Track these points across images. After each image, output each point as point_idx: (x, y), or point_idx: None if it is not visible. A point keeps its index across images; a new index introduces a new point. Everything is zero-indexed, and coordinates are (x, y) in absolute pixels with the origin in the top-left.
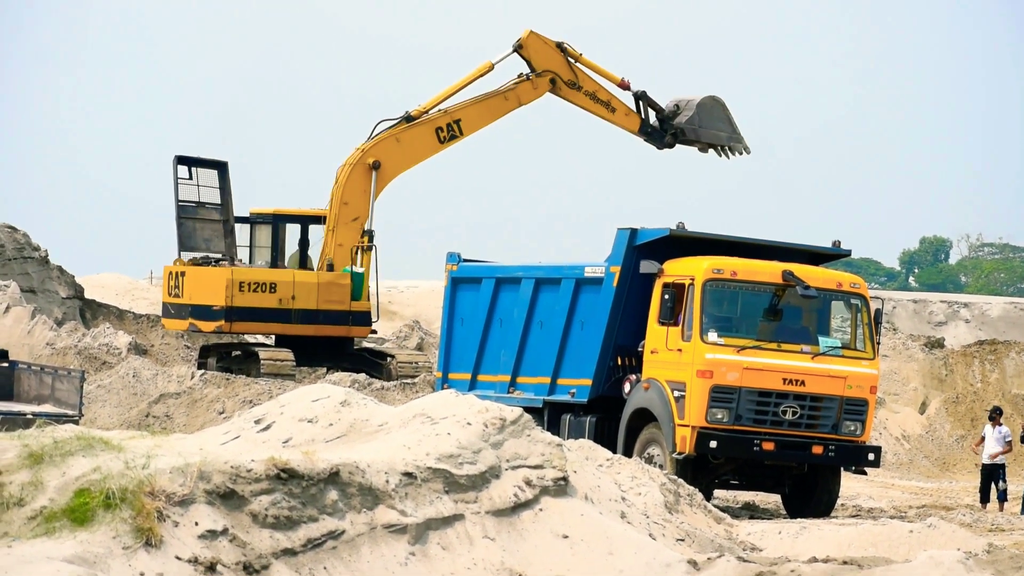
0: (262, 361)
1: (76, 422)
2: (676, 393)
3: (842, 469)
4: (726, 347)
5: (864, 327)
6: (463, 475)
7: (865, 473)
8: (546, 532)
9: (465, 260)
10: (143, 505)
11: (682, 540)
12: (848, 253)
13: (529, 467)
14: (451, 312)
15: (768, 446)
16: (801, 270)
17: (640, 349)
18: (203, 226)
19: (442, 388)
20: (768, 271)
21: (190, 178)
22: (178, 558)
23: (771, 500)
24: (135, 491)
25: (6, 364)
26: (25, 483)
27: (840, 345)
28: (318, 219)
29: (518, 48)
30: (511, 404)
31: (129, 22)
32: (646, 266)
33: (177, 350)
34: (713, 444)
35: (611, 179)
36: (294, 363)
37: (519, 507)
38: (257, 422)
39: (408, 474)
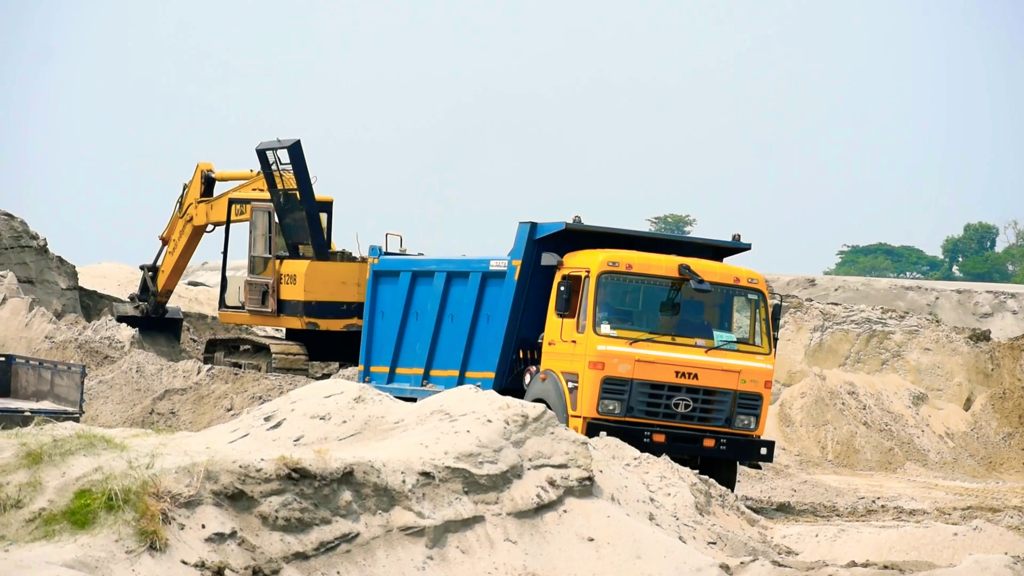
0: (273, 355)
1: (77, 419)
2: (570, 384)
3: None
4: (618, 339)
5: (761, 322)
6: (483, 475)
7: (759, 467)
8: (571, 535)
9: (386, 254)
10: (147, 507)
11: (714, 543)
12: (748, 247)
13: (553, 466)
14: (372, 305)
15: (659, 438)
16: (699, 264)
17: (540, 341)
18: (299, 216)
19: (364, 381)
20: (664, 265)
21: (278, 166)
22: (184, 563)
23: (807, 501)
24: (139, 492)
25: (2, 359)
26: (23, 484)
27: (736, 340)
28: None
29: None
30: (424, 397)
31: (123, 14)
32: (547, 258)
33: (182, 344)
34: (603, 435)
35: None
36: (306, 357)
37: (542, 508)
38: (267, 419)
39: (425, 474)
